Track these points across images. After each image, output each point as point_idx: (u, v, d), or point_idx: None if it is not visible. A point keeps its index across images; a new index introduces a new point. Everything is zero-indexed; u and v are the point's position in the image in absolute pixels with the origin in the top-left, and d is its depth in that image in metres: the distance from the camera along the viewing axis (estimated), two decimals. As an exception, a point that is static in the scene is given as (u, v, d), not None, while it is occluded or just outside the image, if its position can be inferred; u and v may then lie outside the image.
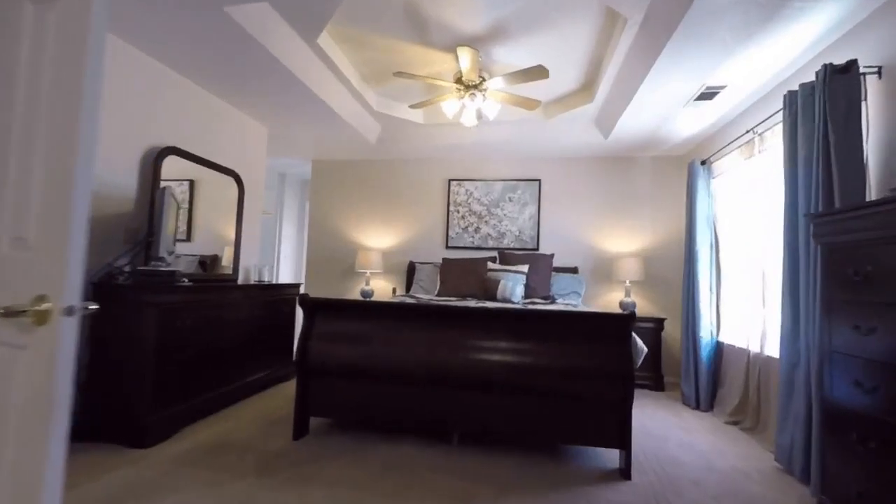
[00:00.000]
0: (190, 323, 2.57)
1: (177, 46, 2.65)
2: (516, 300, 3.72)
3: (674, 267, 4.31)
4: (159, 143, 2.88)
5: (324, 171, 5.18)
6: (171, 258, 2.66)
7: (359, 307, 2.51)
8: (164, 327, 2.36)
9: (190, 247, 3.45)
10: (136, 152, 2.73)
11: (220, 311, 2.87)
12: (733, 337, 3.25)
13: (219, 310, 2.86)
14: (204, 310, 2.71)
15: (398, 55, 3.14)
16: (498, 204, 4.72)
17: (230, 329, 2.96)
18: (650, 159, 4.49)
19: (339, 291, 4.98)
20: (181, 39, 2.57)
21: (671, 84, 2.91)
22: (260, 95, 3.35)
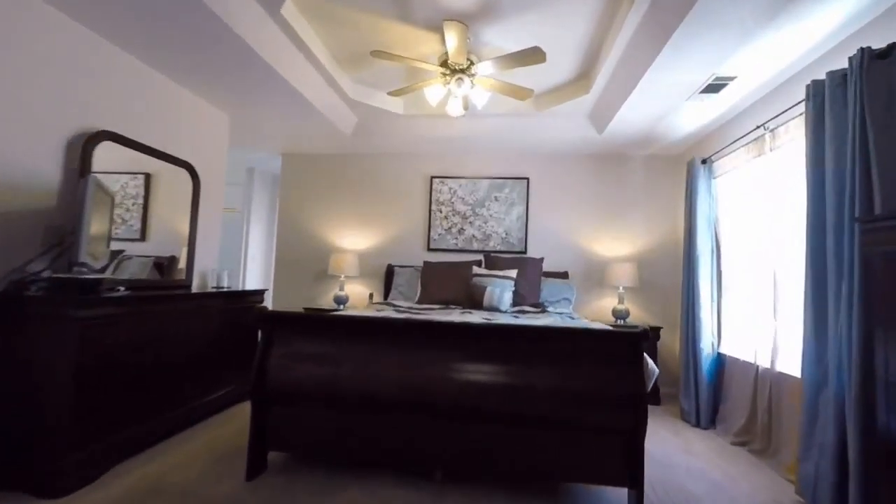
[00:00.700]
0: (124, 340, 2.15)
1: (110, 12, 2.23)
2: (504, 309, 3.42)
3: (669, 272, 4.09)
4: (92, 126, 2.45)
5: (295, 166, 4.76)
6: (102, 262, 2.24)
7: (326, 322, 2.14)
8: (89, 346, 1.95)
9: (144, 247, 3.04)
10: (61, 136, 2.30)
11: (166, 325, 2.46)
12: (737, 349, 3.02)
13: (164, 323, 2.45)
14: (144, 323, 2.30)
15: (376, 34, 2.79)
16: (483, 203, 4.41)
17: (177, 345, 2.55)
18: (644, 158, 4.25)
19: (311, 297, 4.58)
20: (115, 3, 2.16)
21: (677, 74, 2.65)
22: (216, 76, 2.94)
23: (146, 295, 2.33)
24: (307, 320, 2.16)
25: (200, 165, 3.30)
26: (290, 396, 2.05)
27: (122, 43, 2.54)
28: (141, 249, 3.12)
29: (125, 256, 3.14)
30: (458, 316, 2.81)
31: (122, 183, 2.92)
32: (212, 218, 3.53)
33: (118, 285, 2.38)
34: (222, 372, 2.96)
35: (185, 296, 2.72)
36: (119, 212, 2.91)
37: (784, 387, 2.48)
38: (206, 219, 3.43)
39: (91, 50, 2.43)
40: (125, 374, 2.17)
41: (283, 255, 4.71)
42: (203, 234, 3.38)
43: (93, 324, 1.96)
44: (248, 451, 2.05)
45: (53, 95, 2.25)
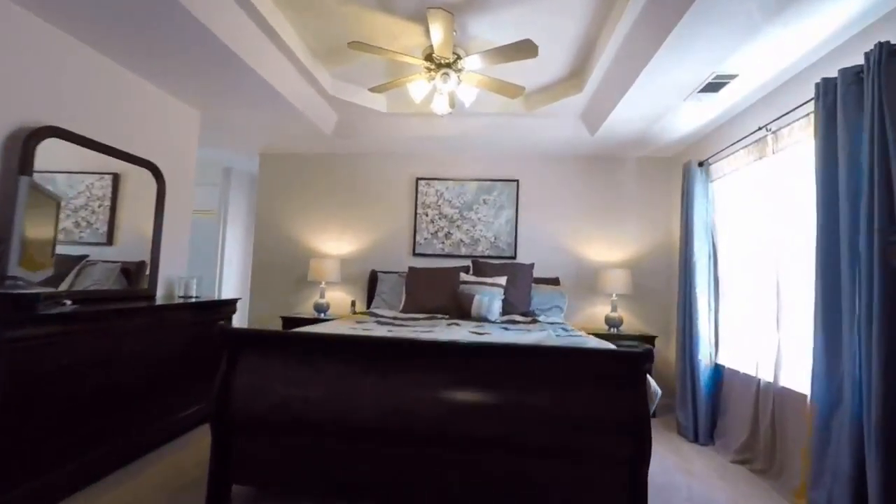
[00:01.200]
0: (67, 362, 1.91)
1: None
2: (493, 319, 3.23)
3: (665, 279, 3.96)
4: (36, 121, 2.19)
5: (273, 167, 4.52)
6: (45, 273, 1.98)
7: (296, 341, 1.93)
8: (20, 372, 1.71)
9: (111, 252, 2.83)
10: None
11: (120, 342, 2.22)
12: (737, 361, 2.88)
13: (118, 340, 2.20)
14: (93, 342, 2.06)
15: (356, 25, 2.58)
16: (471, 207, 4.22)
17: (134, 364, 2.31)
18: (637, 160, 4.12)
19: (291, 305, 4.34)
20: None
21: (676, 71, 2.50)
22: (181, 69, 2.70)
23: (96, 311, 2.08)
24: (275, 338, 1.94)
25: (166, 165, 3.05)
26: (256, 424, 1.84)
27: (73, 31, 2.29)
28: (108, 254, 2.88)
29: (89, 262, 2.89)
30: (443, 328, 2.62)
31: (88, 184, 2.71)
32: (180, 221, 3.28)
33: (64, 298, 2.13)
34: (188, 390, 2.72)
35: (145, 309, 2.46)
36: (84, 214, 2.71)
37: (789, 403, 2.34)
38: (173, 222, 3.17)
39: (35, 38, 2.18)
40: (67, 402, 1.92)
41: (261, 260, 4.46)
42: (170, 239, 3.13)
43: (26, 346, 1.72)
44: (207, 485, 1.83)
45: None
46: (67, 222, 2.67)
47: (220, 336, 1.88)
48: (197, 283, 3.18)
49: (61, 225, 2.61)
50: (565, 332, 2.65)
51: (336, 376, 1.81)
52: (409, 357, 1.81)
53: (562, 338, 2.31)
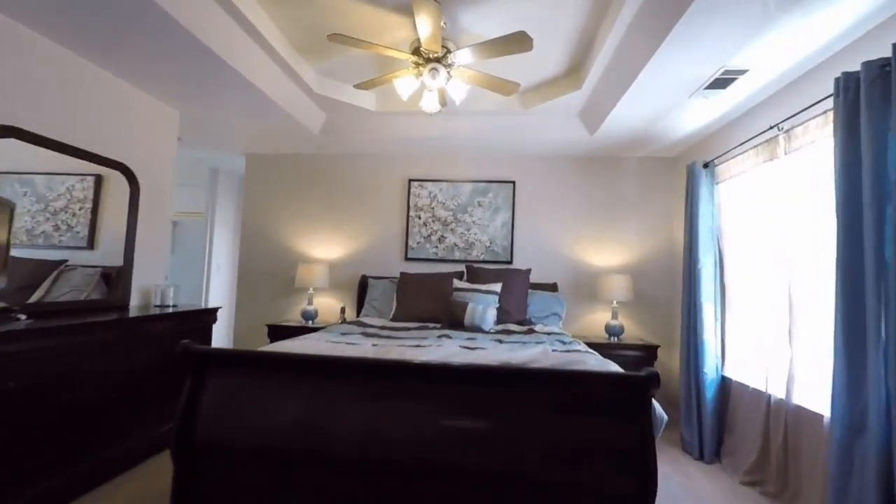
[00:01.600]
0: (14, 386, 1.74)
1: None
2: (488, 328, 3.07)
3: (667, 285, 3.79)
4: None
5: (259, 167, 4.35)
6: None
7: (267, 361, 1.76)
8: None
9: (92, 256, 2.71)
10: (-57, 132, 1.87)
11: (81, 360, 2.05)
12: (745, 374, 2.72)
13: (78, 358, 2.04)
14: (47, 361, 1.89)
15: (340, 17, 2.41)
16: (466, 209, 4.05)
17: (97, 384, 2.14)
18: (638, 160, 3.95)
19: (278, 313, 4.17)
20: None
21: (681, 67, 2.33)
22: (153, 65, 2.53)
23: (48, 327, 1.91)
24: (244, 359, 1.77)
25: (142, 166, 2.89)
26: (222, 454, 1.67)
27: (34, 25, 2.12)
28: (88, 259, 2.74)
29: (68, 267, 2.74)
30: (433, 341, 2.45)
31: (69, 185, 2.60)
32: (158, 225, 3.11)
33: (19, 313, 1.96)
34: (162, 408, 2.54)
35: (110, 323, 2.28)
36: (64, 217, 2.60)
37: (803, 423, 2.18)
38: (151, 226, 3.01)
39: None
40: (17, 428, 1.75)
41: (247, 265, 4.29)
42: (147, 244, 2.97)
43: None
44: (168, 521, 1.66)
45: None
46: (47, 225, 2.55)
47: (183, 356, 1.71)
48: (175, 291, 3.01)
49: (40, 228, 2.51)
50: (563, 344, 2.48)
51: (310, 400, 1.65)
52: (390, 380, 1.64)
53: (558, 353, 2.14)
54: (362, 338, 2.55)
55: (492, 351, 2.12)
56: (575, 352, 2.22)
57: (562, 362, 1.84)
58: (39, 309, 2.22)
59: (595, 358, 2.03)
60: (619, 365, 3.30)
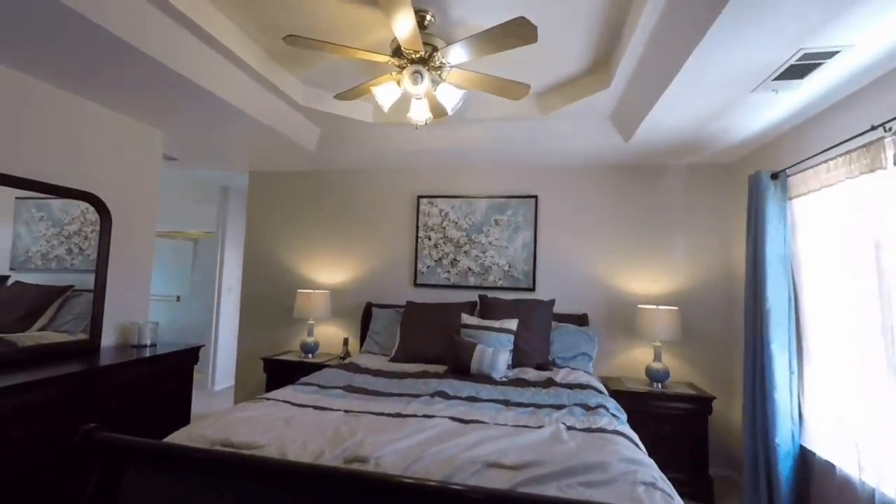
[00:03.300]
0: None
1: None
2: (498, 376, 2.58)
3: (723, 319, 3.14)
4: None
5: (263, 186, 4.09)
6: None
7: (204, 464, 1.34)
8: None
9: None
10: None
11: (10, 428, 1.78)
12: (834, 451, 2.07)
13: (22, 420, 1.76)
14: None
15: (313, 17, 2.03)
16: (481, 228, 3.58)
17: (23, 458, 1.85)
18: (686, 168, 3.32)
19: (279, 342, 3.87)
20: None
21: (741, 53, 1.76)
22: (113, 84, 2.27)
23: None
24: (176, 455, 1.36)
25: (119, 194, 2.66)
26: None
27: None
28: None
29: (74, 293, 2.58)
30: (424, 403, 2.01)
31: (83, 208, 2.55)
32: (137, 255, 2.87)
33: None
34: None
35: (45, 382, 1.94)
36: (77, 240, 2.55)
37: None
38: (128, 260, 2.77)
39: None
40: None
41: (249, 289, 4.03)
42: (122, 279, 2.72)
43: None
44: None
45: None
46: (60, 249, 2.49)
47: (85, 447, 1.36)
48: (152, 329, 2.75)
49: (54, 252, 2.47)
50: (585, 412, 1.95)
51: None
52: (325, 495, 1.20)
53: (575, 437, 1.63)
54: (342, 394, 2.15)
55: (486, 432, 1.64)
56: (599, 432, 1.70)
57: (575, 465, 1.34)
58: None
59: (624, 449, 1.51)
60: (666, 422, 2.76)
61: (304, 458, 1.41)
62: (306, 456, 1.43)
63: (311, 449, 1.46)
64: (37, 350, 2.30)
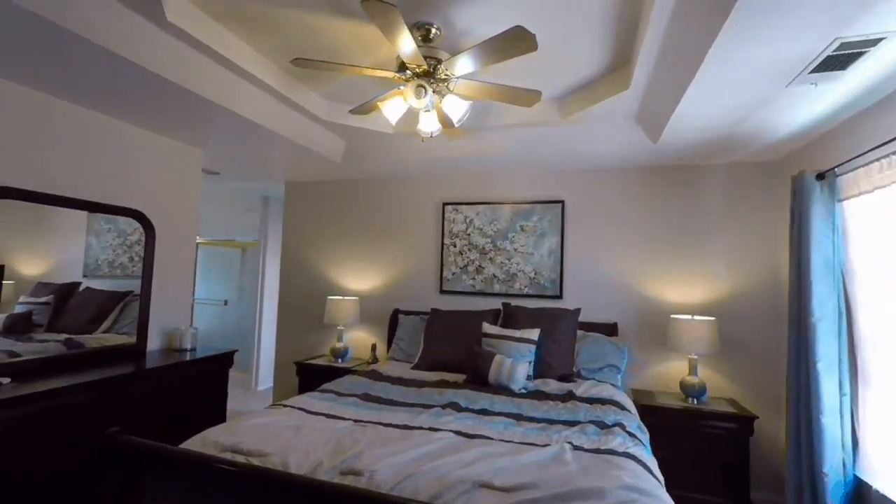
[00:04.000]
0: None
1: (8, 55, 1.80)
2: (517, 388, 2.53)
3: (767, 331, 2.89)
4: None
5: (297, 196, 4.27)
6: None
7: (202, 470, 1.42)
8: None
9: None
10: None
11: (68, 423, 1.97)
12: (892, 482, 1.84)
13: (65, 420, 1.96)
14: (31, 428, 1.82)
15: (324, 37, 2.10)
16: (506, 235, 3.53)
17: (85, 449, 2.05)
18: (724, 168, 3.09)
19: (312, 347, 4.02)
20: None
21: (762, 48, 1.62)
22: (150, 111, 2.47)
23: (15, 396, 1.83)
24: (192, 462, 1.43)
25: (161, 209, 2.89)
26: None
27: (27, 81, 2.13)
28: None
29: (133, 297, 2.85)
30: (433, 416, 2.01)
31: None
32: (181, 266, 3.10)
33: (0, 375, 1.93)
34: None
35: (93, 384, 2.13)
36: (138, 249, 2.80)
37: None
38: (171, 269, 2.99)
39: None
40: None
41: (286, 295, 4.23)
42: (165, 288, 2.95)
43: None
44: None
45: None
46: (124, 257, 2.78)
47: (109, 445, 1.48)
48: (193, 334, 2.96)
49: (119, 260, 2.76)
50: (599, 431, 1.86)
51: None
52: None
53: (581, 458, 1.56)
54: (357, 402, 2.20)
55: (488, 449, 1.61)
56: (607, 453, 1.62)
57: (569, 491, 1.28)
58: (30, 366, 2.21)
59: (627, 475, 1.42)
60: (702, 441, 2.56)
61: (304, 468, 1.46)
62: (306, 466, 1.47)
63: (311, 459, 1.51)
64: (96, 352, 2.55)
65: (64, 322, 2.55)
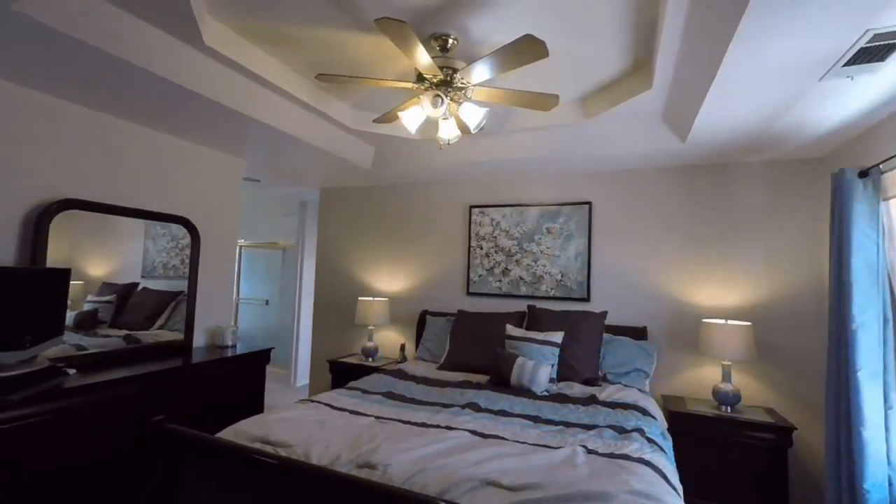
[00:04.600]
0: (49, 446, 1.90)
1: (60, 74, 2.04)
2: (539, 390, 2.53)
3: (811, 338, 2.73)
4: (56, 195, 2.31)
5: (331, 201, 4.46)
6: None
7: (232, 458, 1.54)
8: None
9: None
10: (16, 212, 2.18)
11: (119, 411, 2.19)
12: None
13: (118, 409, 2.17)
14: (96, 414, 2.04)
15: (349, 51, 2.21)
16: (532, 237, 3.53)
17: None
18: (762, 166, 2.95)
19: (345, 345, 4.19)
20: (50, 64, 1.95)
21: (785, 43, 1.56)
22: (193, 125, 2.68)
23: (80, 385, 2.06)
24: (227, 451, 1.54)
25: (205, 215, 3.12)
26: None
27: (85, 101, 2.38)
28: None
29: (183, 297, 3.11)
30: (452, 414, 2.06)
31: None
32: (223, 268, 3.32)
33: (67, 367, 2.17)
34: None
35: (145, 376, 2.36)
36: (189, 252, 3.04)
37: None
38: (214, 271, 3.22)
39: (50, 115, 2.30)
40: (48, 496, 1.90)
41: (320, 295, 4.42)
42: (209, 289, 3.18)
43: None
44: None
45: (6, 168, 2.13)
46: (176, 259, 3.01)
47: (155, 430, 1.64)
48: (234, 332, 3.17)
49: (172, 262, 2.99)
50: (617, 436, 1.85)
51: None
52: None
53: (594, 462, 1.56)
54: (380, 400, 2.30)
55: (500, 449, 1.65)
56: (621, 458, 1.61)
57: (573, 493, 1.30)
58: (91, 360, 2.45)
59: (637, 481, 1.41)
60: (735, 450, 2.45)
61: (324, 460, 1.56)
62: (326, 457, 1.57)
63: (331, 451, 1.60)
64: (150, 347, 2.79)
65: (125, 319, 2.80)
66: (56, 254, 2.29)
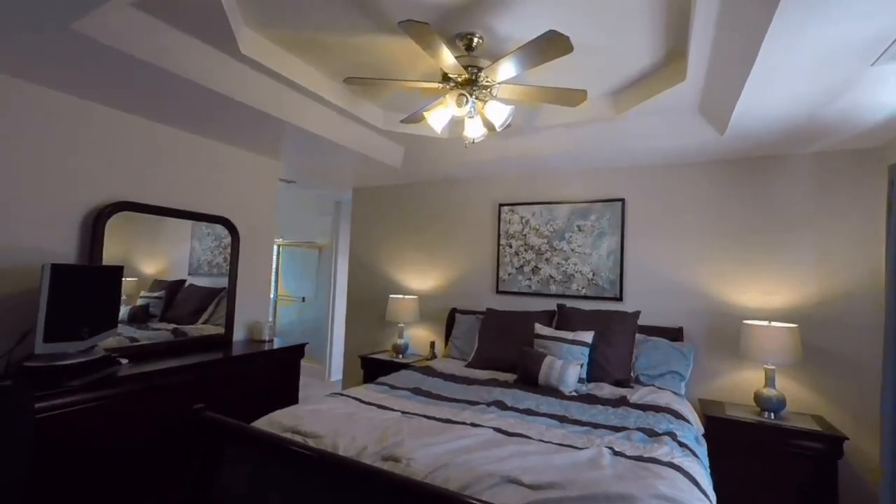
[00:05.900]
0: (102, 429, 2.06)
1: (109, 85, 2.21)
2: (568, 390, 2.50)
3: (867, 342, 2.54)
4: (111, 198, 2.50)
5: (363, 201, 4.56)
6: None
7: (264, 445, 1.62)
8: (50, 441, 1.88)
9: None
10: (76, 214, 2.37)
11: (171, 399, 2.34)
12: None
13: (169, 398, 2.33)
14: (137, 403, 2.20)
15: (377, 53, 2.27)
16: (563, 235, 3.47)
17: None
18: (811, 158, 2.77)
19: (379, 342, 4.27)
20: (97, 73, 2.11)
21: (827, 29, 1.47)
22: (233, 130, 2.83)
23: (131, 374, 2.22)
24: (262, 440, 1.61)
25: (244, 215, 3.27)
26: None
27: (136, 111, 2.56)
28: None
29: (226, 293, 3.30)
30: (478, 412, 2.07)
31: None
32: (261, 266, 3.48)
33: (120, 357, 2.35)
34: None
35: (190, 367, 2.51)
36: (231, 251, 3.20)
37: None
38: (253, 269, 3.38)
39: (110, 124, 2.49)
40: (104, 471, 2.07)
41: (353, 293, 4.53)
42: (249, 286, 3.34)
43: (54, 416, 1.88)
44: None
45: (72, 174, 2.33)
46: (219, 258, 3.18)
47: (198, 420, 1.75)
48: (270, 327, 3.31)
49: (216, 260, 3.16)
50: (646, 439, 1.80)
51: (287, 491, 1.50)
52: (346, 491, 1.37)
53: (618, 466, 1.53)
54: (408, 395, 2.34)
55: (524, 447, 1.65)
56: (650, 462, 1.57)
57: (595, 494, 1.28)
58: (140, 350, 2.63)
59: (665, 485, 1.37)
60: (778, 459, 2.31)
61: (350, 451, 1.61)
62: (353, 449, 1.62)
63: (358, 443, 1.65)
64: (195, 340, 2.97)
65: (173, 313, 2.99)
66: (113, 253, 2.48)
